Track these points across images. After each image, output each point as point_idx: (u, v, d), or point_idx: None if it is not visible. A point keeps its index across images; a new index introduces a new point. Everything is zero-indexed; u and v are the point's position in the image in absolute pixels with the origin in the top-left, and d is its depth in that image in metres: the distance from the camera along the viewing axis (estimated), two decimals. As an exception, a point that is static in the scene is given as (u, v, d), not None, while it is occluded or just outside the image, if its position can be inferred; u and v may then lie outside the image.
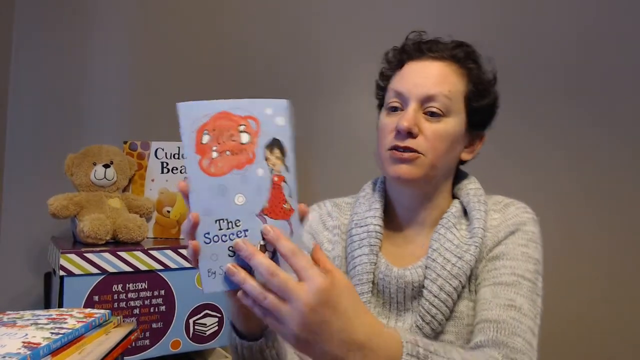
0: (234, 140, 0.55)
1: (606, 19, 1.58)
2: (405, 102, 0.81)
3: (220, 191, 0.54)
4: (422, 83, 0.80)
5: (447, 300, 0.77)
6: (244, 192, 0.54)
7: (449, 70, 0.82)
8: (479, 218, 0.81)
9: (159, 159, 1.32)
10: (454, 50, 0.83)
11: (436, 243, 0.81)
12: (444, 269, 0.78)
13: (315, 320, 0.51)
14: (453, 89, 0.81)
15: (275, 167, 0.55)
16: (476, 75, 0.83)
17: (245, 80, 1.58)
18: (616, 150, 1.57)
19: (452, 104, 0.80)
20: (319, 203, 0.96)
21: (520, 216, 0.82)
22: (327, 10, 1.64)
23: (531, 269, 0.78)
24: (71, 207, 1.18)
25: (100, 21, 1.49)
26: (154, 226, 1.32)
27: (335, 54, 1.64)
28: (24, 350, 0.57)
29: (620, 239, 1.57)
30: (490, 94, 0.85)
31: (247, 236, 0.54)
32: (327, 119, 1.63)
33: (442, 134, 0.79)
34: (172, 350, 1.16)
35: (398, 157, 0.79)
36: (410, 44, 0.87)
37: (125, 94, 1.52)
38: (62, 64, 1.45)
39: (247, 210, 0.54)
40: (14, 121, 1.40)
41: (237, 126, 0.55)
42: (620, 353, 1.55)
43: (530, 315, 0.73)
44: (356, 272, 0.83)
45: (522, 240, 0.80)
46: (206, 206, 0.54)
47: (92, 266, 1.06)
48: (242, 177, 0.54)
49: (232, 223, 0.54)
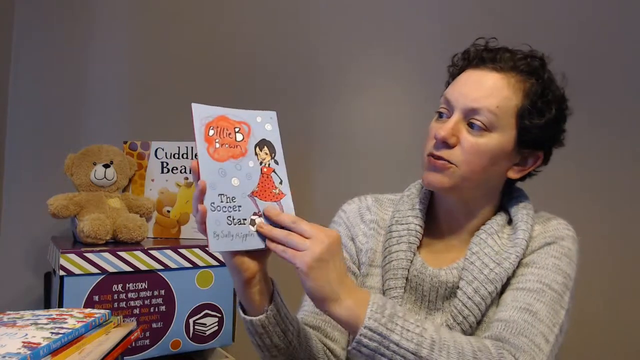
0: (231, 137, 0.70)
1: (607, 18, 1.58)
2: (451, 110, 0.80)
3: (221, 173, 0.68)
4: (470, 94, 0.78)
5: (480, 304, 0.77)
6: (238, 177, 0.69)
7: (505, 83, 0.78)
8: (524, 229, 0.80)
9: (159, 159, 1.32)
10: (519, 62, 0.79)
11: (476, 247, 0.81)
12: (481, 273, 0.78)
13: (328, 252, 0.65)
14: (502, 104, 0.77)
15: (264, 160, 0.71)
16: (536, 91, 0.78)
17: (245, 80, 1.57)
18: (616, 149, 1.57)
19: (498, 119, 0.77)
20: (360, 197, 0.97)
21: (561, 231, 0.82)
22: (327, 10, 1.64)
23: (559, 280, 0.76)
24: (71, 207, 1.18)
25: (100, 21, 1.49)
26: (154, 226, 1.32)
27: (335, 54, 1.64)
28: (24, 350, 0.57)
29: (620, 239, 1.57)
30: (550, 113, 0.79)
31: (240, 210, 0.68)
32: (327, 119, 1.63)
33: (482, 148, 0.77)
34: (172, 350, 1.16)
35: (432, 164, 0.80)
36: (473, 51, 0.83)
37: (125, 94, 1.52)
38: (62, 64, 1.45)
39: (240, 191, 0.69)
40: (14, 121, 1.40)
41: (234, 127, 0.71)
42: (619, 353, 1.55)
43: (547, 322, 0.72)
44: (391, 266, 0.84)
45: (556, 253, 0.79)
46: (211, 181, 0.66)
47: (92, 266, 1.06)
48: (236, 165, 0.69)
49: (230, 199, 0.67)
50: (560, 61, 0.85)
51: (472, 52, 0.83)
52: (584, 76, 1.58)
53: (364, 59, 1.61)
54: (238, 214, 0.67)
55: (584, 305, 1.56)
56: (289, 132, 1.59)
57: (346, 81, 1.63)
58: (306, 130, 1.61)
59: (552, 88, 0.80)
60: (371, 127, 1.63)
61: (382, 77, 1.63)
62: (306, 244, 0.65)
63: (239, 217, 0.67)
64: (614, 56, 1.57)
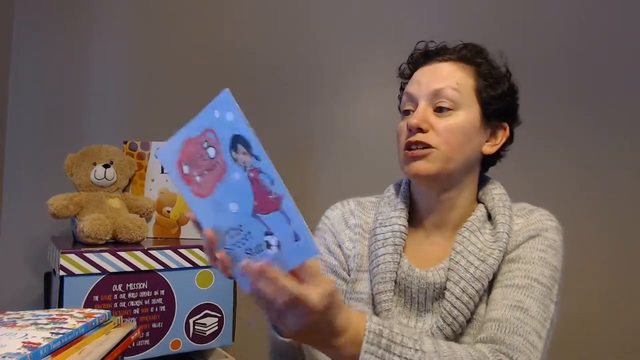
0: (205, 159, 0.58)
1: (608, 17, 1.58)
2: (416, 103, 0.83)
3: (216, 207, 0.58)
4: (429, 81, 0.83)
5: (468, 303, 0.77)
6: (233, 199, 0.57)
7: (457, 67, 0.84)
8: (503, 222, 0.81)
9: (159, 159, 1.32)
10: (462, 52, 0.85)
11: (460, 246, 0.81)
12: (467, 272, 0.78)
13: (320, 319, 0.58)
14: (461, 82, 0.82)
15: (245, 163, 0.55)
16: (485, 69, 0.84)
17: (245, 81, 1.57)
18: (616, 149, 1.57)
19: (461, 97, 0.81)
20: (342, 202, 0.96)
21: (543, 222, 0.82)
22: (327, 10, 1.64)
23: (547, 274, 0.77)
24: (71, 207, 1.18)
25: (100, 21, 1.49)
26: (154, 226, 1.32)
27: (335, 54, 1.64)
28: (24, 350, 0.57)
29: (620, 239, 1.57)
30: (503, 84, 0.85)
31: (251, 238, 0.57)
32: (327, 119, 1.63)
33: (453, 126, 0.80)
34: (172, 350, 1.16)
35: (412, 155, 0.81)
36: (418, 53, 0.89)
37: (125, 94, 1.52)
38: (62, 64, 1.45)
39: (242, 215, 0.57)
40: (14, 121, 1.40)
41: (201, 146, 0.57)
42: (619, 353, 1.55)
43: (538, 318, 0.73)
44: (379, 270, 0.84)
45: (541, 246, 0.80)
46: (213, 224, 0.58)
47: (92, 266, 1.06)
48: (225, 187, 0.57)
49: (237, 230, 0.58)
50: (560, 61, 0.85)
51: (418, 55, 0.89)
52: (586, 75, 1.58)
53: (364, 59, 1.61)
54: (252, 241, 0.58)
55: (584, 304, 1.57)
56: (289, 132, 1.61)
57: (346, 81, 1.63)
58: (306, 131, 1.61)
59: (495, 66, 0.86)
60: (371, 127, 1.63)
61: (382, 77, 1.63)
62: (292, 315, 0.57)
63: (254, 244, 0.58)
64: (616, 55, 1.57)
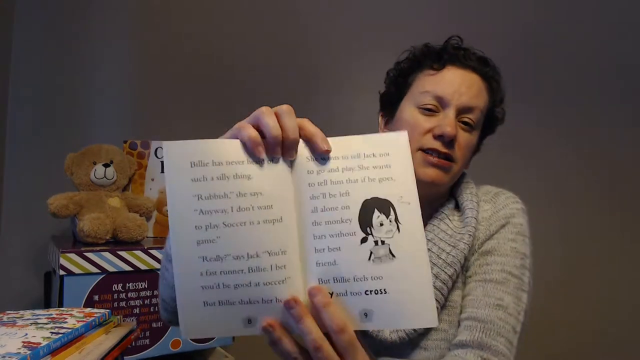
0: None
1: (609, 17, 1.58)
2: (443, 107, 0.82)
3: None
4: (465, 93, 0.82)
5: (442, 289, 0.79)
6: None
7: (484, 86, 0.85)
8: (471, 208, 0.83)
9: (159, 158, 1.32)
10: (485, 68, 0.85)
11: (430, 234, 0.83)
12: (439, 258, 0.80)
13: None
14: (484, 105, 0.84)
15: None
16: (496, 92, 0.87)
17: (245, 81, 1.58)
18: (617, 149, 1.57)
19: (480, 118, 0.84)
20: None
21: (510, 207, 0.84)
22: (327, 10, 1.64)
23: (518, 264, 0.79)
24: (71, 206, 1.18)
25: (101, 21, 1.49)
26: (154, 225, 1.32)
27: (335, 54, 1.64)
28: (24, 350, 0.57)
29: (620, 238, 1.57)
30: (500, 107, 0.89)
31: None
32: (327, 119, 1.63)
33: (470, 145, 0.83)
34: (172, 350, 1.16)
35: (436, 163, 0.80)
36: (452, 49, 0.86)
37: (125, 93, 1.52)
38: (62, 64, 1.45)
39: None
40: (14, 121, 1.40)
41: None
42: (618, 353, 1.55)
43: (514, 313, 0.75)
44: None
45: (511, 235, 0.81)
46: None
47: (92, 265, 1.06)
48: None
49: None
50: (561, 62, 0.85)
51: (453, 51, 0.85)
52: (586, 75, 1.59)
53: (364, 59, 1.61)
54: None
55: (585, 305, 1.57)
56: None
57: (346, 81, 1.63)
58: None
59: (502, 89, 0.89)
60: (371, 127, 1.63)
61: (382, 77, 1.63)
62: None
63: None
64: (620, 55, 1.57)
